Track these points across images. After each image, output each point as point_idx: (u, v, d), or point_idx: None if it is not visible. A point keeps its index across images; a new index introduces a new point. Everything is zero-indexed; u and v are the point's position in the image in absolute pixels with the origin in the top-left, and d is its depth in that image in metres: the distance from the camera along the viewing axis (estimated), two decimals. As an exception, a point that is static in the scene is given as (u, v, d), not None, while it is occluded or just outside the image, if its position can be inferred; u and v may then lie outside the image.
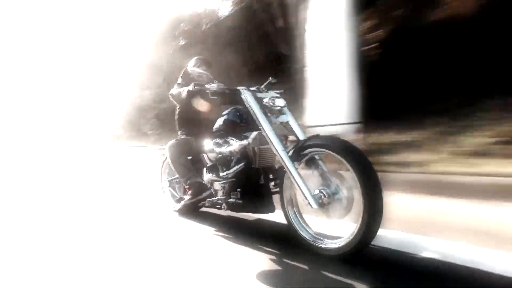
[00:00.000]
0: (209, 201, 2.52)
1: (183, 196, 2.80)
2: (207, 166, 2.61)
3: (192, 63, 2.89)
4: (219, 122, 2.43)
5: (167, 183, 3.26)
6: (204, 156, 2.74)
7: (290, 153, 1.94)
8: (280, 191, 2.07)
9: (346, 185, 1.75)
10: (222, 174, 2.38)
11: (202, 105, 2.63)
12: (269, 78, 2.50)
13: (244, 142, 2.19)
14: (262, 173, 2.26)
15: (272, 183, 2.25)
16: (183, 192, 2.91)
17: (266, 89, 2.38)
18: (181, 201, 2.79)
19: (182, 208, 2.82)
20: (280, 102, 2.12)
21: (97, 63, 21.41)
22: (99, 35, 21.93)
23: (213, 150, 2.47)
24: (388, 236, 1.96)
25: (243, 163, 2.23)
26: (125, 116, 17.48)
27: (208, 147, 2.54)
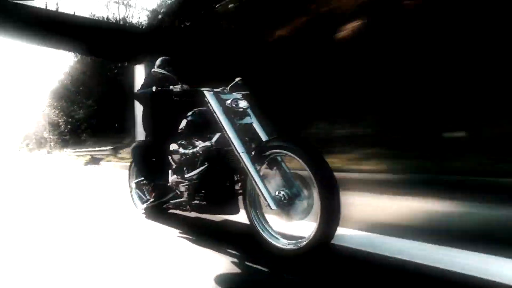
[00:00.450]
0: (174, 203, 2.50)
1: (148, 198, 2.76)
2: (173, 168, 2.58)
3: (158, 64, 2.85)
4: (184, 124, 2.41)
5: (134, 185, 3.21)
6: (170, 158, 2.71)
7: (252, 155, 1.94)
8: (243, 193, 2.08)
9: (307, 186, 1.77)
10: (187, 176, 2.36)
11: (166, 107, 2.60)
12: (236, 79, 2.50)
13: (207, 144, 2.18)
14: (227, 175, 2.26)
15: (239, 185, 2.25)
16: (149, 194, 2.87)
17: (232, 90, 2.37)
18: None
19: (147, 210, 2.78)
20: (243, 104, 2.13)
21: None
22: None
23: (178, 152, 2.45)
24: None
25: (207, 165, 2.22)
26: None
27: (173, 149, 2.51)
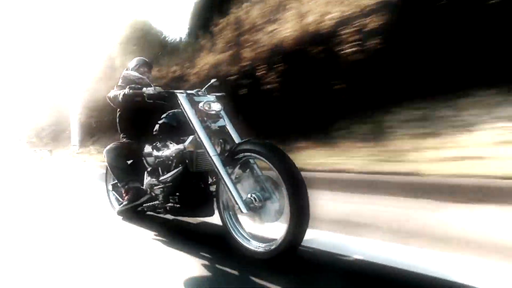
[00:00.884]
0: (149, 206, 2.48)
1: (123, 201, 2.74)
2: (148, 170, 2.57)
3: (132, 65, 2.82)
4: (158, 126, 2.39)
5: (111, 187, 3.18)
6: (144, 160, 2.69)
7: (224, 158, 1.94)
8: (217, 195, 2.08)
9: (279, 189, 1.78)
10: (161, 178, 2.34)
11: (139, 109, 2.57)
12: (212, 80, 2.49)
13: (180, 147, 2.17)
14: (201, 177, 2.26)
15: (214, 187, 2.25)
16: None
17: (207, 92, 2.36)
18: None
19: (122, 213, 2.74)
20: (216, 107, 2.12)
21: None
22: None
23: (152, 154, 2.43)
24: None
25: (181, 167, 2.21)
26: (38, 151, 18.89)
27: (148, 151, 2.50)
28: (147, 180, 2.51)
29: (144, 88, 2.27)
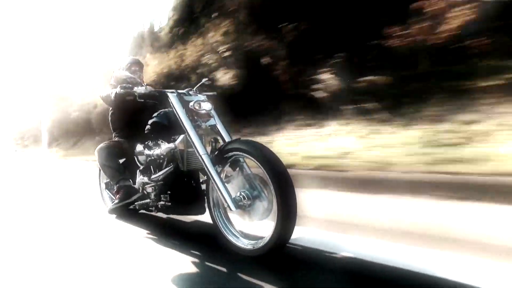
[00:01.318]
0: (141, 204, 2.50)
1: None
2: (140, 169, 2.58)
3: (123, 64, 2.83)
4: (149, 125, 2.40)
5: (104, 186, 3.19)
6: (136, 159, 2.71)
7: (214, 157, 1.97)
8: (207, 193, 2.10)
9: (268, 187, 1.80)
10: (153, 177, 2.36)
11: (131, 108, 2.58)
12: (203, 80, 2.51)
13: (171, 145, 2.19)
14: (192, 176, 2.28)
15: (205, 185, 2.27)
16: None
17: (198, 91, 2.38)
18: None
19: (114, 211, 2.75)
20: (206, 106, 2.14)
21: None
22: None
23: (143, 153, 2.45)
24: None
25: (172, 166, 2.24)
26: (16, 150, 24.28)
27: (139, 150, 2.52)
28: (139, 179, 2.53)
29: (135, 88, 2.28)
